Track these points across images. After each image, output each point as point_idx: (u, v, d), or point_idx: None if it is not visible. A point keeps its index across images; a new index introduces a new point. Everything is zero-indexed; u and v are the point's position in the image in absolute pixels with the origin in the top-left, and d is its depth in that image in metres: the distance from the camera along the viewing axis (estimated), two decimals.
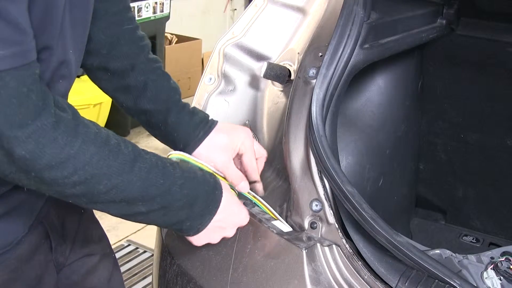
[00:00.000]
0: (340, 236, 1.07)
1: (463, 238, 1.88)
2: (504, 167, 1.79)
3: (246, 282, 1.07)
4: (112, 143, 0.85)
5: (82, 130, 0.82)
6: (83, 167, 0.81)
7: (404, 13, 1.43)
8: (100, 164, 0.83)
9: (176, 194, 0.93)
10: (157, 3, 4.24)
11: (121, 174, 0.85)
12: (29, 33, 0.79)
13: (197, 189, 0.96)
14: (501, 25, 1.59)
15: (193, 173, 0.97)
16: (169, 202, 0.92)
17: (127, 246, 2.96)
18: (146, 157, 0.90)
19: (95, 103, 3.66)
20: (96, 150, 0.83)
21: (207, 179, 0.99)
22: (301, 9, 1.37)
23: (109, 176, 0.84)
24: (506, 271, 1.23)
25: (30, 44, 0.79)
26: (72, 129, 0.81)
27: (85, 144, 0.81)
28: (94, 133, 0.84)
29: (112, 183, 0.85)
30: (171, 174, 0.92)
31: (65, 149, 0.79)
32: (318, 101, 1.13)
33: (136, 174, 0.87)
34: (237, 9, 5.95)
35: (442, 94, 1.78)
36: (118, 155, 0.85)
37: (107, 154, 0.84)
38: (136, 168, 0.87)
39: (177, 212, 0.95)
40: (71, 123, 0.81)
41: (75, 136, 0.81)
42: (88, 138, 0.82)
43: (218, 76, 1.37)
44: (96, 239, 1.28)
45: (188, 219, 0.97)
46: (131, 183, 0.86)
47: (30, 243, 1.05)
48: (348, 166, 1.47)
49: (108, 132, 0.87)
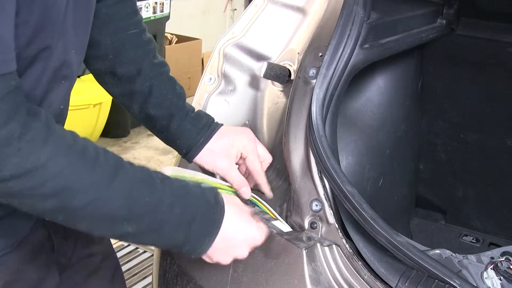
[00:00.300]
0: (340, 236, 1.07)
1: (463, 238, 1.88)
2: (504, 167, 1.79)
3: (246, 282, 1.07)
4: (89, 155, 0.81)
5: (53, 140, 0.79)
6: (53, 179, 0.78)
7: (404, 13, 1.43)
8: (73, 177, 0.79)
9: (166, 214, 0.86)
10: (157, 3, 4.24)
11: (99, 188, 0.81)
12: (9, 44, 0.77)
13: (192, 209, 0.89)
14: (501, 25, 1.59)
15: (186, 191, 0.91)
16: (159, 223, 0.86)
17: (127, 246, 2.96)
18: (130, 171, 0.85)
19: (95, 103, 3.66)
20: (67, 161, 0.79)
21: (205, 196, 0.93)
22: (301, 9, 1.37)
23: (84, 190, 0.80)
24: (506, 271, 1.23)
25: (8, 55, 0.77)
26: (42, 139, 0.78)
27: (55, 155, 0.78)
28: (68, 144, 0.80)
29: (88, 198, 0.80)
30: (159, 191, 0.87)
31: (29, 159, 0.76)
32: (318, 101, 1.13)
33: (116, 189, 0.82)
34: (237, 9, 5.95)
35: (442, 94, 1.78)
36: (94, 167, 0.81)
37: (80, 166, 0.80)
38: (116, 182, 0.82)
39: (172, 234, 0.89)
40: (42, 132, 0.78)
41: (42, 146, 0.77)
42: (60, 148, 0.79)
43: (218, 76, 1.37)
44: (98, 240, 1.27)
45: (186, 243, 0.90)
46: (110, 199, 0.82)
47: (32, 244, 1.05)
48: (348, 166, 1.47)
49: (88, 144, 0.83)
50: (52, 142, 0.79)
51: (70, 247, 1.17)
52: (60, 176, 0.78)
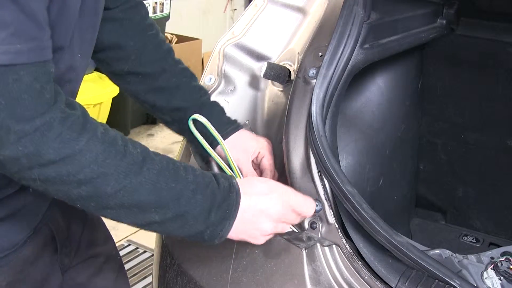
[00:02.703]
0: (340, 236, 1.07)
1: (463, 238, 1.88)
2: (504, 167, 1.78)
3: (246, 282, 1.07)
4: (119, 143, 0.84)
5: (89, 128, 0.81)
6: (89, 165, 0.79)
7: (404, 13, 1.43)
8: (107, 163, 0.81)
9: (190, 200, 0.88)
10: (157, 3, 4.24)
11: (129, 175, 0.82)
12: (46, 30, 0.78)
13: (212, 196, 0.91)
14: (501, 25, 1.59)
15: (207, 178, 0.92)
16: (183, 210, 0.88)
17: (127, 246, 2.97)
18: (156, 159, 0.87)
19: (95, 103, 3.67)
20: (102, 148, 0.81)
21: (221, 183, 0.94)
22: (301, 9, 1.37)
23: (116, 177, 0.81)
24: (506, 271, 1.23)
25: (47, 42, 0.79)
26: (79, 126, 0.80)
27: (91, 142, 0.80)
28: (102, 132, 0.82)
29: (120, 184, 0.82)
30: (183, 178, 0.88)
31: (69, 144, 0.78)
32: (318, 101, 1.13)
33: (145, 176, 0.84)
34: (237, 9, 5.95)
35: (442, 94, 1.78)
36: (125, 155, 0.83)
37: (114, 154, 0.82)
38: (144, 170, 0.84)
39: (195, 222, 0.90)
40: (79, 120, 0.80)
41: (81, 133, 0.79)
42: (95, 136, 0.81)
43: (218, 76, 1.37)
44: (101, 241, 1.28)
45: (207, 228, 0.91)
46: (140, 185, 0.83)
47: (35, 245, 1.06)
48: (348, 166, 1.47)
49: (117, 134, 0.85)
50: (88, 130, 0.81)
51: (73, 247, 1.18)
52: (95, 162, 0.80)
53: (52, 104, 0.77)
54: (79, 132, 0.79)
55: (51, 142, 0.77)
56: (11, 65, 0.73)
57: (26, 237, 1.03)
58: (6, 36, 0.72)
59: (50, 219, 1.10)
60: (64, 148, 0.78)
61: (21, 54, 0.74)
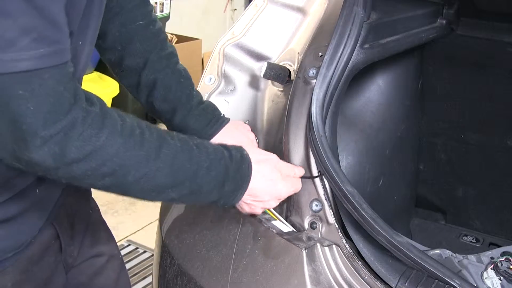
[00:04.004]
0: (340, 236, 1.07)
1: (463, 238, 1.88)
2: (504, 167, 1.79)
3: (246, 282, 1.07)
4: (137, 132, 0.86)
5: (108, 122, 0.82)
6: (111, 159, 0.82)
7: (404, 13, 1.43)
8: (128, 155, 0.83)
9: (204, 177, 0.93)
10: (157, 3, 4.24)
11: (148, 162, 0.86)
12: (66, 32, 0.79)
13: (225, 169, 0.96)
14: (501, 25, 1.59)
15: (220, 153, 0.97)
16: (199, 186, 0.93)
17: (127, 246, 2.97)
18: (171, 142, 0.90)
19: None
20: (122, 141, 0.83)
21: (234, 156, 0.99)
22: (301, 9, 1.37)
23: (137, 166, 0.85)
24: (506, 271, 1.23)
25: (67, 43, 0.79)
26: (99, 122, 0.81)
27: (112, 136, 0.82)
28: (120, 125, 0.84)
29: (141, 172, 0.85)
30: (197, 157, 0.92)
31: (91, 141, 0.80)
32: (318, 101, 1.13)
33: (162, 161, 0.87)
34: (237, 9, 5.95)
35: (442, 94, 1.78)
36: (143, 143, 0.85)
37: (133, 145, 0.84)
38: (162, 155, 0.87)
39: (208, 194, 0.95)
40: (99, 116, 0.82)
41: (101, 128, 0.81)
42: (115, 130, 0.83)
43: (218, 76, 1.37)
44: (104, 240, 1.28)
45: (221, 199, 0.98)
46: (159, 170, 0.87)
47: (40, 244, 1.06)
48: (348, 166, 1.47)
49: (133, 122, 0.87)
50: (108, 125, 0.82)
51: (76, 246, 1.18)
52: (117, 155, 0.82)
53: (73, 103, 0.79)
54: (99, 128, 0.81)
55: (74, 141, 0.78)
56: (36, 70, 0.74)
57: (32, 237, 1.03)
58: (29, 42, 0.73)
59: (55, 218, 1.10)
60: (87, 145, 0.79)
61: (44, 58, 0.75)
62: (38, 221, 1.04)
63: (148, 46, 1.17)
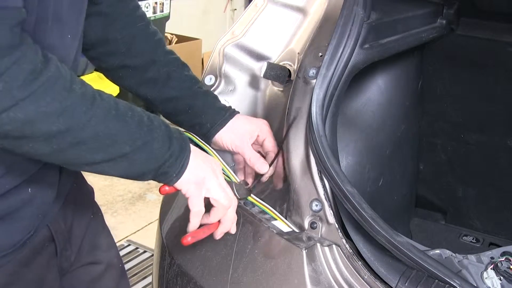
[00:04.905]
0: (340, 236, 1.07)
1: (463, 238, 1.88)
2: (504, 167, 1.79)
3: (246, 282, 1.07)
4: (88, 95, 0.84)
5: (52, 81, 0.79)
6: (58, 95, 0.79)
7: (404, 13, 1.43)
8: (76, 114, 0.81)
9: (150, 126, 0.91)
10: (157, 3, 4.24)
11: (93, 106, 0.83)
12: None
13: (166, 126, 0.95)
14: (501, 25, 1.59)
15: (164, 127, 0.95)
16: (150, 136, 0.91)
17: (127, 246, 2.96)
18: (104, 96, 0.87)
19: None
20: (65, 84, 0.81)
21: (177, 138, 0.97)
22: (301, 9, 1.37)
23: (85, 109, 0.82)
24: (506, 271, 1.23)
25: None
26: (44, 63, 0.79)
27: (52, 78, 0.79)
28: (55, 77, 0.80)
29: (89, 114, 0.82)
30: (135, 110, 0.91)
31: (34, 82, 0.77)
32: (318, 101, 1.13)
33: (102, 109, 0.85)
34: (237, 9, 5.95)
35: (442, 94, 1.78)
36: (74, 94, 0.82)
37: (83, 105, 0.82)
38: (95, 106, 0.84)
39: (161, 147, 0.93)
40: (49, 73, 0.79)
41: (44, 67, 0.78)
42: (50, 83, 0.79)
43: (218, 76, 1.37)
44: (104, 248, 1.26)
45: (171, 156, 0.94)
46: (104, 117, 0.84)
47: (32, 246, 1.04)
48: (348, 166, 1.47)
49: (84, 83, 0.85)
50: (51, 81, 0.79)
51: (73, 251, 1.16)
52: (64, 115, 0.80)
53: (15, 47, 0.76)
54: (43, 65, 0.78)
55: (21, 80, 0.76)
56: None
57: (25, 238, 1.01)
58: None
59: (50, 220, 1.08)
60: (31, 85, 0.77)
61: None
62: (30, 222, 1.02)
63: (152, 44, 1.20)
